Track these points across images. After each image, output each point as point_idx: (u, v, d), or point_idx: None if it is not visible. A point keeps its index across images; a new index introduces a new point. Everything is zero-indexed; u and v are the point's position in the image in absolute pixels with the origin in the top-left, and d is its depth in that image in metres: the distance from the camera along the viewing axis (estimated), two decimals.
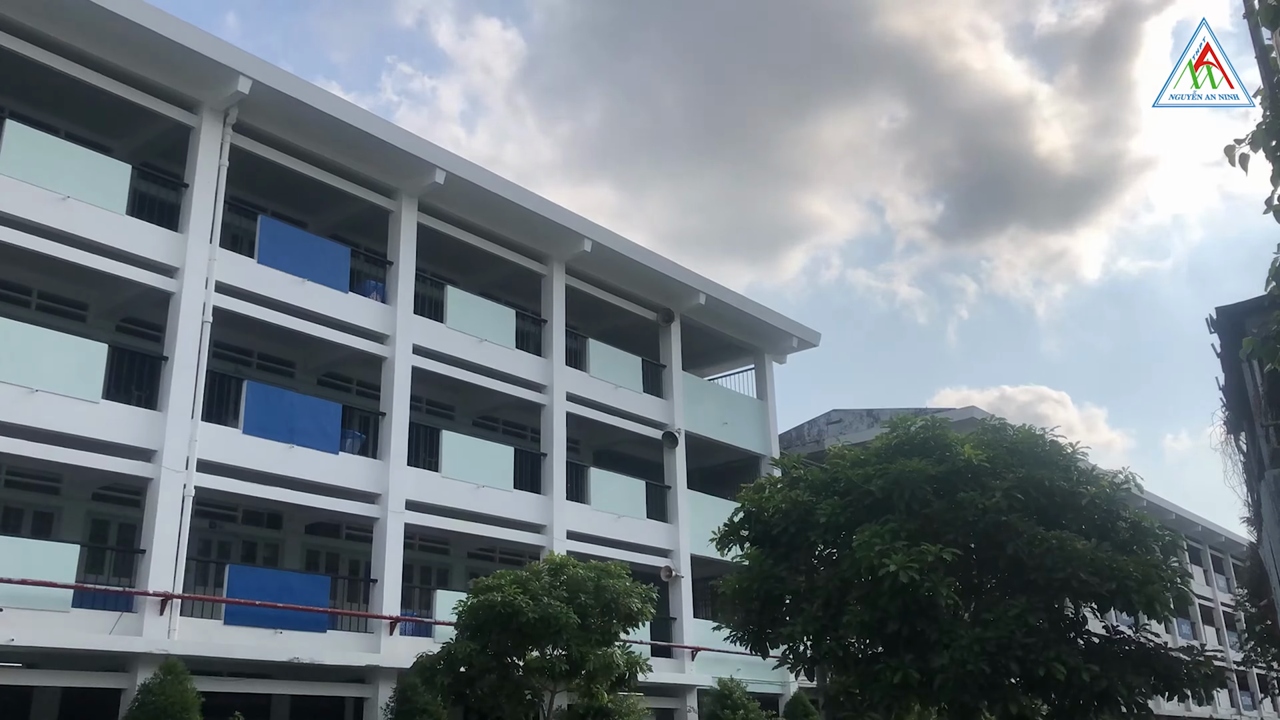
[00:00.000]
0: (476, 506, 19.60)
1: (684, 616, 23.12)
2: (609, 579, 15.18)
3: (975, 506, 12.28)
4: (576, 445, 24.17)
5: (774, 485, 14.67)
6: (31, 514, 16.52)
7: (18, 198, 14.48)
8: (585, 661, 14.59)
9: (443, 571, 22.36)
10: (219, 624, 15.53)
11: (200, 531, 17.38)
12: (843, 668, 13.06)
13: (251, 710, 15.51)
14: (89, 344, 15.23)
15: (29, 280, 16.71)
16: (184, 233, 16.35)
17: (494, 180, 20.52)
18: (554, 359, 22.14)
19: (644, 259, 23.77)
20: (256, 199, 19.32)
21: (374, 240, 20.43)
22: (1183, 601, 12.45)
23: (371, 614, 17.58)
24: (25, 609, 13.40)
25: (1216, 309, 12.12)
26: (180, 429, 15.47)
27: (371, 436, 18.67)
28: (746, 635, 14.11)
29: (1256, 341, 6.24)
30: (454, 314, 20.32)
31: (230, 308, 16.70)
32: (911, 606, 11.57)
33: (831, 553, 13.64)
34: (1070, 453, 13.46)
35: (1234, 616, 36.97)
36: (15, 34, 14.96)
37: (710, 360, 29.17)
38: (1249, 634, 18.64)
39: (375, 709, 16.69)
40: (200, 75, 16.45)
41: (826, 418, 36.02)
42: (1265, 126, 5.52)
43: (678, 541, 23.65)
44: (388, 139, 18.47)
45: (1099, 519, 12.83)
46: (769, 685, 23.17)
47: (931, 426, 13.89)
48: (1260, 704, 44.99)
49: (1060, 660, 11.21)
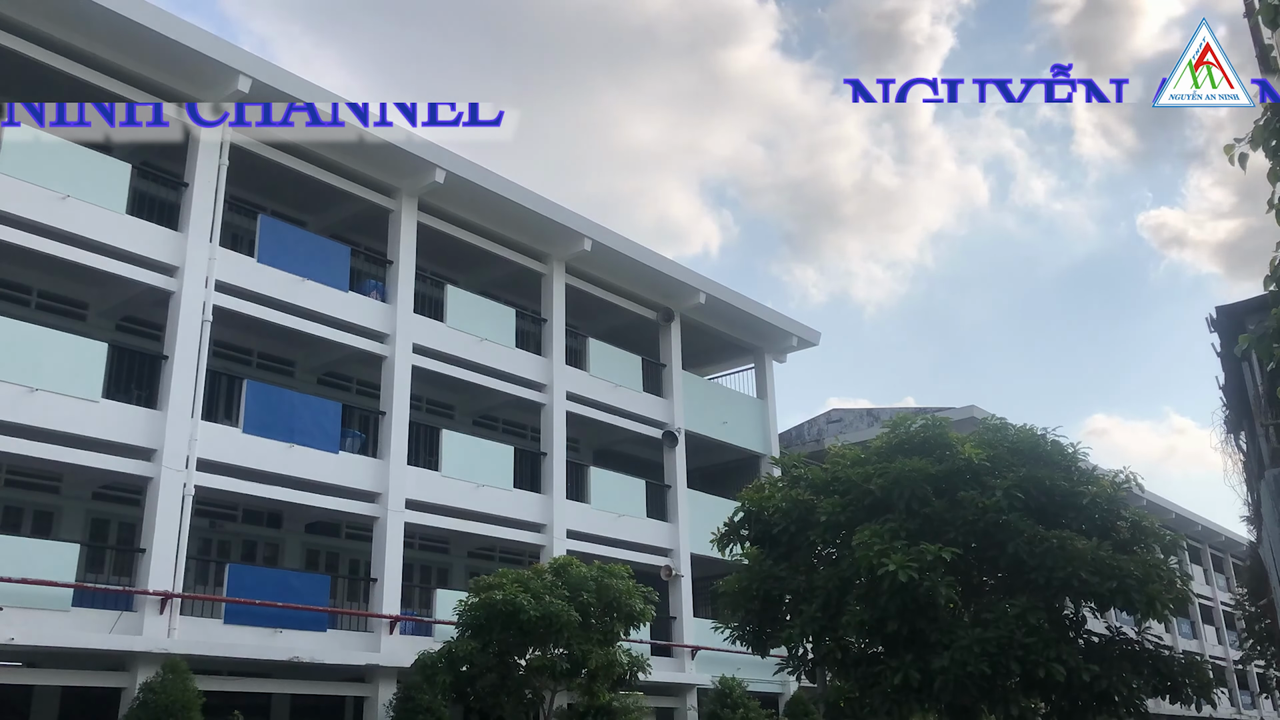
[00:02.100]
0: (476, 506, 19.60)
1: (684, 616, 23.11)
2: (610, 578, 15.18)
3: (975, 506, 12.28)
4: (576, 444, 24.16)
5: (774, 485, 14.67)
6: (31, 513, 16.52)
7: (18, 197, 14.48)
8: (586, 661, 14.60)
9: (443, 571, 22.36)
10: (219, 623, 15.53)
11: (200, 531, 17.38)
12: (842, 669, 13.06)
13: (251, 709, 15.52)
14: (89, 343, 15.23)
15: (29, 279, 16.71)
16: (184, 232, 16.35)
17: (494, 179, 20.51)
18: (554, 358, 22.14)
19: (644, 258, 23.76)
20: (256, 198, 19.32)
21: (374, 239, 20.42)
22: (1183, 601, 12.45)
23: (371, 613, 17.58)
24: (25, 608, 13.40)
25: (1216, 308, 12.15)
26: (180, 428, 15.47)
27: (371, 436, 18.66)
28: (746, 635, 14.11)
29: (1252, 338, 6.24)
30: (454, 313, 20.32)
31: (230, 307, 16.69)
32: (911, 606, 11.56)
33: (831, 552, 13.64)
34: (1071, 452, 13.46)
35: (1234, 616, 36.97)
36: (14, 32, 14.96)
37: (710, 359, 29.17)
38: (1249, 633, 18.65)
39: (375, 708, 16.69)
40: (200, 74, 16.45)
41: (826, 417, 36.02)
42: (1264, 125, 5.52)
43: (678, 541, 23.65)
44: (388, 138, 18.46)
45: (1099, 518, 12.82)
46: (769, 685, 23.16)
47: (931, 426, 13.90)
48: (1260, 703, 44.95)
49: (1060, 661, 11.21)
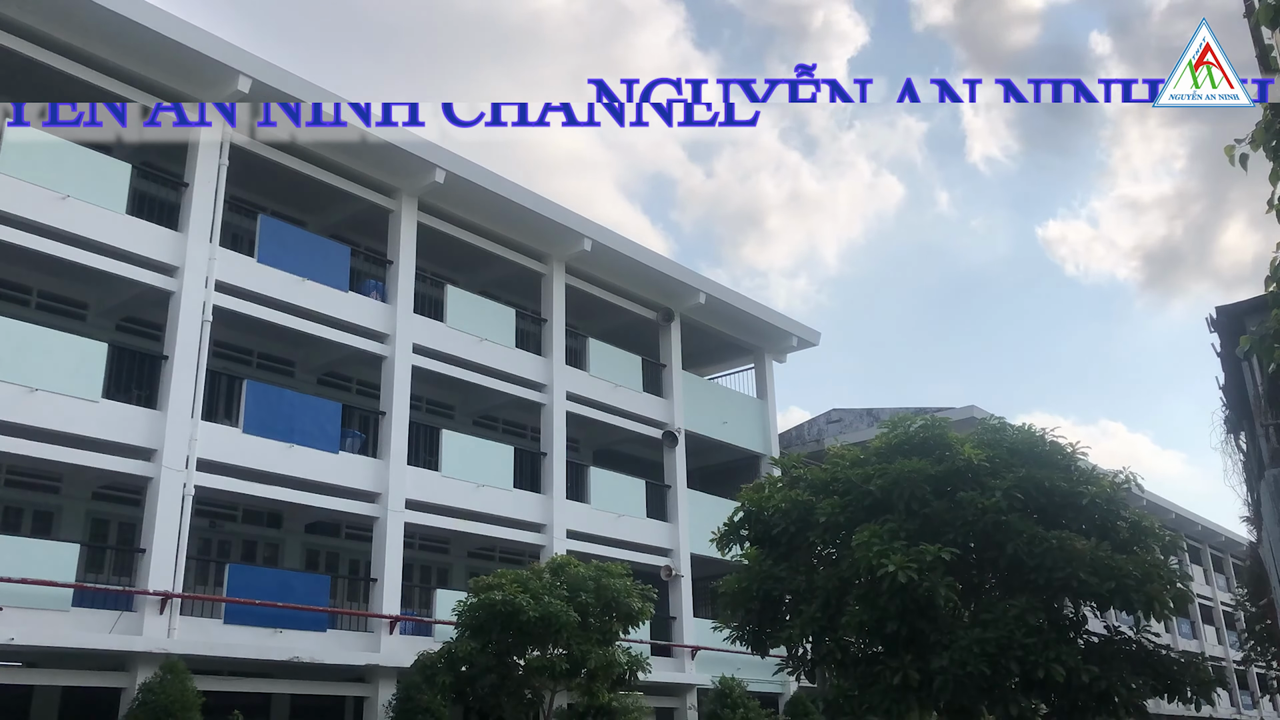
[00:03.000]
0: (476, 506, 19.60)
1: (684, 616, 23.12)
2: (610, 578, 15.18)
3: (975, 506, 12.27)
4: (576, 444, 24.17)
5: (774, 485, 14.65)
6: (31, 513, 16.52)
7: (18, 197, 14.49)
8: (586, 660, 14.60)
9: (443, 571, 22.36)
10: (219, 623, 15.53)
11: (200, 531, 17.38)
12: (842, 669, 13.05)
13: (251, 709, 15.52)
14: (89, 343, 15.23)
15: (29, 279, 16.71)
16: (184, 232, 16.35)
17: (494, 180, 20.51)
18: (554, 358, 22.14)
19: (644, 258, 23.77)
20: (256, 198, 19.32)
21: (374, 239, 20.43)
22: (1182, 601, 12.45)
23: (371, 613, 17.59)
24: (25, 608, 13.40)
25: (1216, 308, 12.14)
26: (180, 428, 15.47)
27: (371, 436, 18.67)
28: (746, 635, 14.10)
29: (1254, 339, 6.25)
30: (454, 313, 20.32)
31: (230, 307, 16.70)
32: (910, 606, 11.56)
33: (831, 553, 13.63)
34: (1070, 452, 13.45)
35: (1234, 616, 36.97)
36: (14, 32, 14.96)
37: (710, 359, 29.17)
38: (1249, 634, 18.65)
39: (375, 708, 16.69)
40: (200, 74, 16.45)
41: (826, 417, 36.02)
42: (1265, 125, 5.52)
43: (677, 541, 23.65)
44: (388, 138, 18.46)
45: (1099, 519, 12.81)
46: (769, 685, 23.16)
47: (931, 426, 13.89)
48: (1260, 703, 44.95)
49: (1060, 661, 11.20)
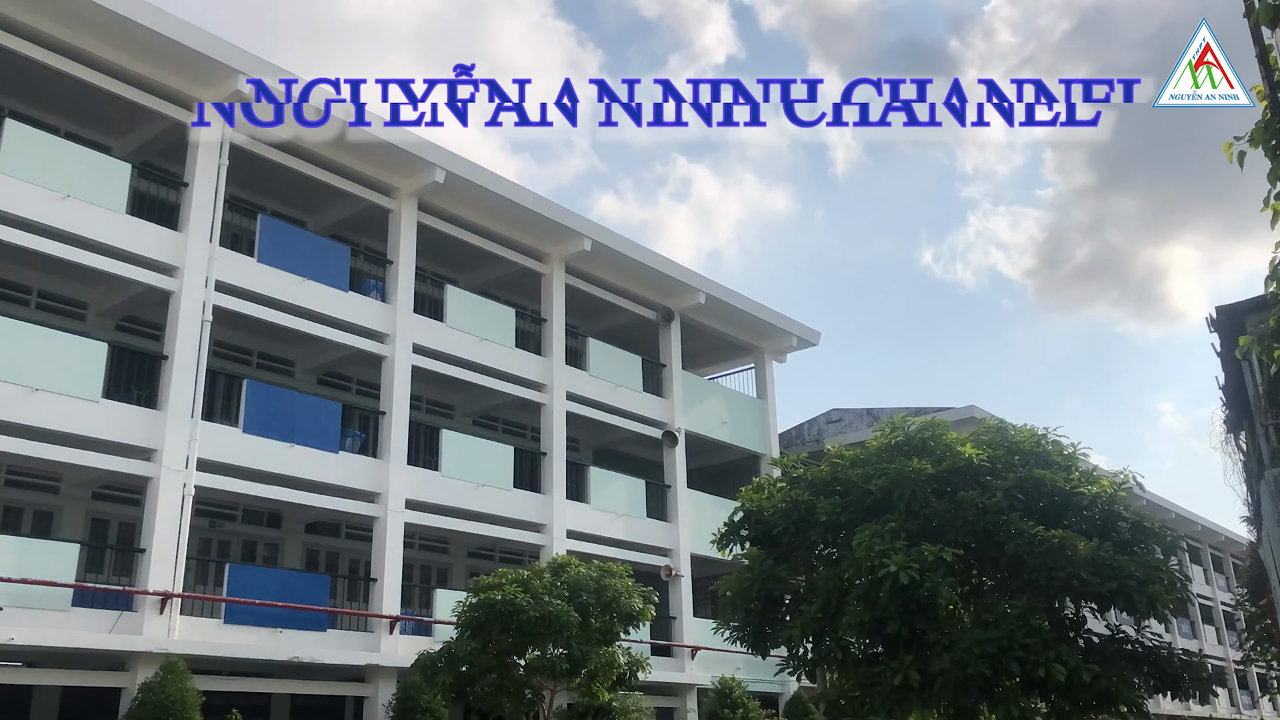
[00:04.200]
0: (476, 505, 19.60)
1: (684, 616, 23.11)
2: (610, 578, 15.18)
3: (975, 506, 12.25)
4: (576, 444, 24.17)
5: (774, 485, 14.64)
6: (31, 513, 16.53)
7: (18, 197, 14.48)
8: (586, 660, 14.58)
9: (442, 571, 22.36)
10: (219, 623, 15.53)
11: (200, 531, 17.38)
12: (843, 669, 13.04)
13: (251, 709, 15.53)
14: (89, 343, 15.23)
15: (29, 279, 16.72)
16: (184, 232, 16.34)
17: (494, 179, 20.51)
18: (554, 358, 22.14)
19: (644, 258, 23.77)
20: (256, 198, 19.32)
21: (374, 239, 20.43)
22: (1183, 602, 12.45)
23: (371, 613, 17.58)
24: (25, 608, 13.40)
25: (1216, 308, 12.11)
26: (180, 428, 15.47)
27: (371, 435, 18.66)
28: (746, 635, 14.09)
29: (1253, 339, 6.25)
30: (454, 313, 20.31)
31: (230, 307, 16.69)
32: (911, 606, 11.54)
33: (831, 553, 13.62)
34: (1070, 452, 13.44)
35: (1234, 616, 36.98)
36: (14, 32, 14.96)
37: (710, 359, 29.17)
38: (1249, 633, 18.63)
39: (375, 708, 16.69)
40: (200, 74, 16.44)
41: (826, 417, 36.00)
42: (1265, 124, 5.52)
43: (677, 541, 23.64)
44: (388, 138, 18.46)
45: (1099, 519, 12.79)
46: (769, 685, 23.17)
47: (931, 426, 13.87)
48: (1260, 703, 44.96)
49: (1060, 661, 11.19)
